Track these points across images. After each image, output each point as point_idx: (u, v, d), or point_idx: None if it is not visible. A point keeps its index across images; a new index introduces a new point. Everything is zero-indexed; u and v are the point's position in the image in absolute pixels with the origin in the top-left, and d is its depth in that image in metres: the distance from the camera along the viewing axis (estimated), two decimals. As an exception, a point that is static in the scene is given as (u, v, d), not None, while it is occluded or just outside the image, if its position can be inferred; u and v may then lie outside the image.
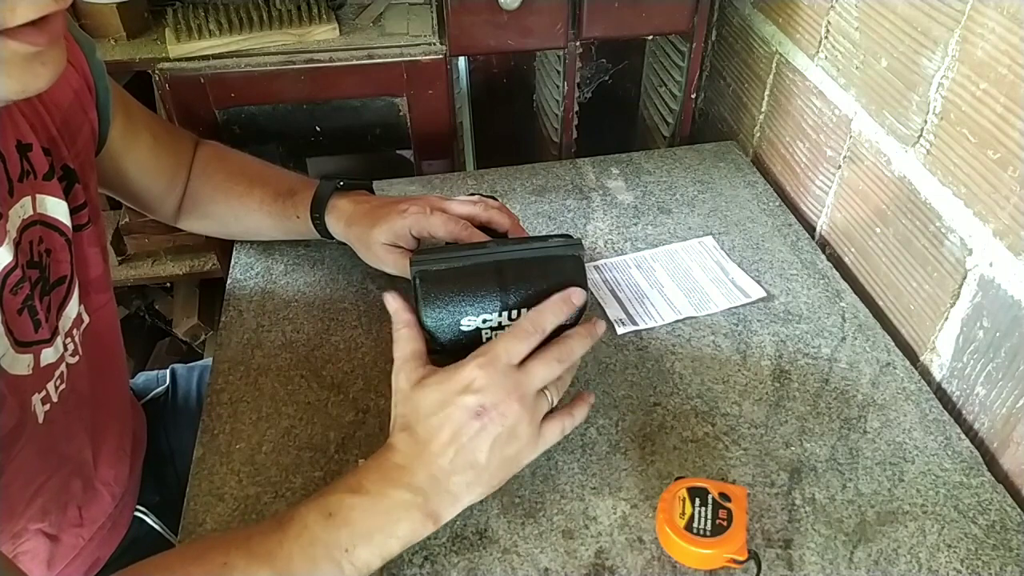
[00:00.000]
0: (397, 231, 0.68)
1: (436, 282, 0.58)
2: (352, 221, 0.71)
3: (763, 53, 0.97)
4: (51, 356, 0.56)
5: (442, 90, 1.01)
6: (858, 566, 0.54)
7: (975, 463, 0.61)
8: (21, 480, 0.55)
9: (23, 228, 0.53)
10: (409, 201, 0.69)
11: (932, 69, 0.65)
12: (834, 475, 0.60)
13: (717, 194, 0.92)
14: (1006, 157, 0.59)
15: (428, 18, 1.06)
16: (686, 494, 0.55)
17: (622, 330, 0.73)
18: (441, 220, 0.67)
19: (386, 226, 0.68)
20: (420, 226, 0.68)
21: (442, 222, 0.67)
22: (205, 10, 0.99)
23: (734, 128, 1.08)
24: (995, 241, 0.61)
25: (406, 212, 0.68)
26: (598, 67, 1.26)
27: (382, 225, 0.69)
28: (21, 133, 0.53)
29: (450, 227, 0.67)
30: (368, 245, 0.70)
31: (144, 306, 1.59)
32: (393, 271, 0.70)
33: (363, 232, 0.70)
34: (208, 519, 0.58)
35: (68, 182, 0.58)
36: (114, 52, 1.01)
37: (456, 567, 0.54)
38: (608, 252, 0.83)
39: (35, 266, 0.54)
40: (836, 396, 0.67)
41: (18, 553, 0.60)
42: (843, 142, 0.81)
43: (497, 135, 1.30)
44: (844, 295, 0.77)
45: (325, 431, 0.64)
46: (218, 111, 0.99)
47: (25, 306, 0.52)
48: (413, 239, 0.69)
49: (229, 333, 0.73)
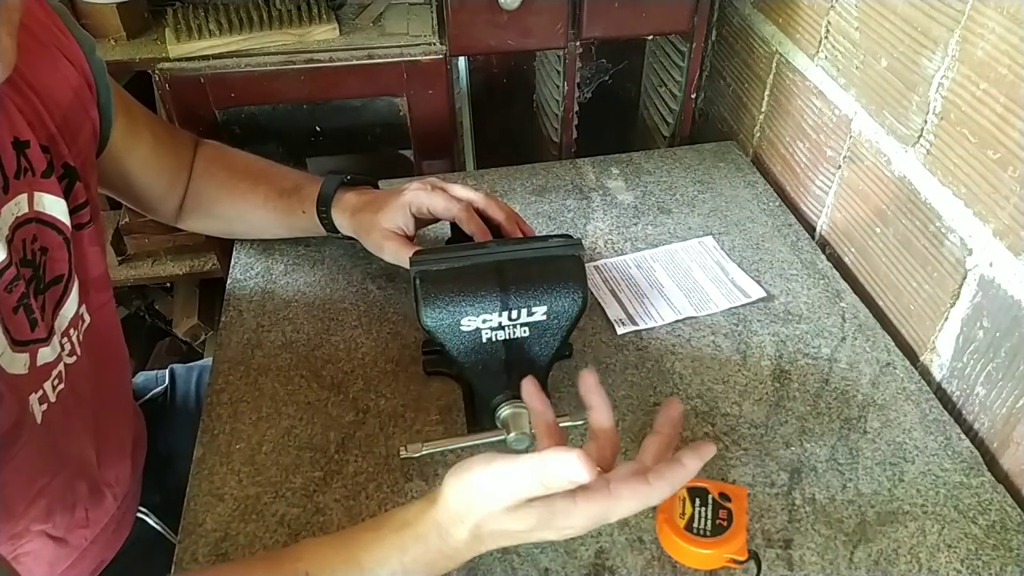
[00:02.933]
0: (398, 211, 0.68)
1: (436, 282, 0.58)
2: (357, 210, 0.72)
3: (763, 53, 0.97)
4: (48, 356, 0.56)
5: (442, 90, 1.01)
6: (858, 566, 0.54)
7: (975, 463, 0.61)
8: (21, 481, 0.55)
9: (16, 226, 0.53)
10: (411, 181, 0.70)
11: (932, 69, 0.65)
12: (834, 475, 0.60)
13: (717, 194, 0.92)
14: (1006, 157, 0.59)
15: (428, 18, 1.06)
16: (686, 494, 0.55)
17: (622, 330, 0.73)
18: (442, 198, 0.67)
19: (388, 209, 0.69)
20: (420, 201, 0.68)
21: (443, 200, 0.67)
22: (205, 10, 0.99)
23: (734, 128, 1.08)
24: (995, 241, 0.61)
25: (406, 190, 0.68)
26: (598, 67, 1.26)
27: (385, 210, 0.69)
28: (18, 130, 0.53)
29: (450, 206, 0.67)
30: (370, 231, 0.70)
31: (144, 306, 1.59)
32: (391, 259, 0.69)
33: (367, 218, 0.70)
34: (208, 519, 0.58)
35: (69, 181, 0.58)
36: (114, 52, 1.01)
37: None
38: (608, 252, 0.83)
39: (29, 264, 0.54)
40: (836, 396, 0.67)
41: (19, 554, 0.59)
42: (843, 142, 0.81)
43: (497, 135, 1.30)
44: (844, 295, 0.77)
45: (325, 431, 0.64)
46: (218, 111, 0.99)
47: (21, 304, 0.52)
48: (413, 220, 0.69)
49: (229, 333, 0.73)
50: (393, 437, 0.64)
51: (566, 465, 0.41)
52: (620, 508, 0.45)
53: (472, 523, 0.45)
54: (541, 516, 0.45)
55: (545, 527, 0.45)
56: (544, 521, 0.45)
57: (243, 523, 0.57)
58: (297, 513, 0.58)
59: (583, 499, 0.44)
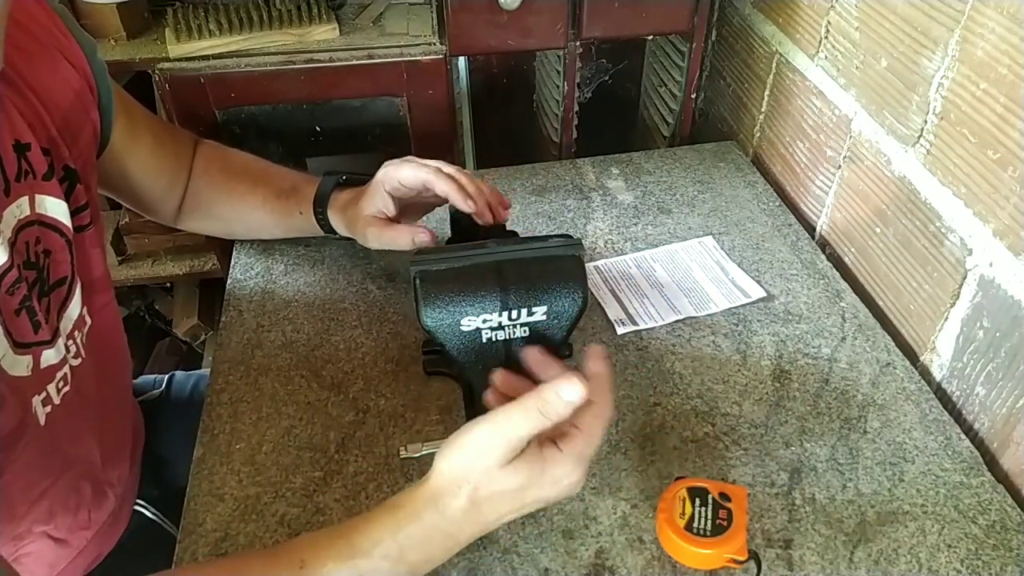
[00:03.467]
0: (375, 195, 0.68)
1: (436, 282, 0.58)
2: (346, 206, 0.72)
3: (763, 53, 0.96)
4: (52, 358, 0.56)
5: (442, 90, 1.01)
6: (858, 566, 0.54)
7: (975, 463, 0.61)
8: (23, 482, 0.55)
9: (19, 228, 0.53)
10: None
11: (932, 69, 0.65)
12: (834, 475, 0.60)
13: (717, 194, 0.92)
14: (1006, 157, 0.59)
15: (428, 18, 1.06)
16: (686, 494, 0.55)
17: (622, 330, 0.73)
18: (411, 167, 0.66)
19: (366, 196, 0.69)
20: (390, 177, 0.67)
21: (411, 168, 0.66)
22: (205, 10, 0.99)
23: (734, 128, 1.08)
24: (995, 241, 0.61)
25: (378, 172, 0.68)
26: (598, 67, 1.26)
27: (364, 197, 0.69)
28: (19, 133, 0.52)
29: (419, 172, 0.66)
30: (355, 222, 0.70)
31: (144, 306, 1.59)
32: (376, 244, 0.69)
33: (351, 212, 0.71)
34: (208, 519, 0.58)
35: (70, 183, 0.58)
36: (114, 52, 1.01)
37: (456, 567, 0.54)
38: (608, 252, 0.83)
39: (32, 267, 0.54)
40: (836, 396, 0.67)
41: (20, 555, 0.59)
42: (843, 142, 0.81)
43: (497, 135, 1.30)
44: (844, 295, 0.77)
45: (325, 431, 0.64)
46: (218, 111, 0.99)
47: (23, 307, 0.52)
48: (391, 200, 0.68)
49: (229, 333, 0.73)
50: (393, 437, 0.64)
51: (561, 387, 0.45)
52: (594, 434, 0.48)
53: (469, 488, 0.47)
54: (533, 467, 0.47)
55: (539, 480, 0.47)
56: (537, 473, 0.47)
57: (243, 523, 0.57)
58: (297, 513, 0.58)
59: (565, 443, 0.48)
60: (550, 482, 0.47)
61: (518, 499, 0.48)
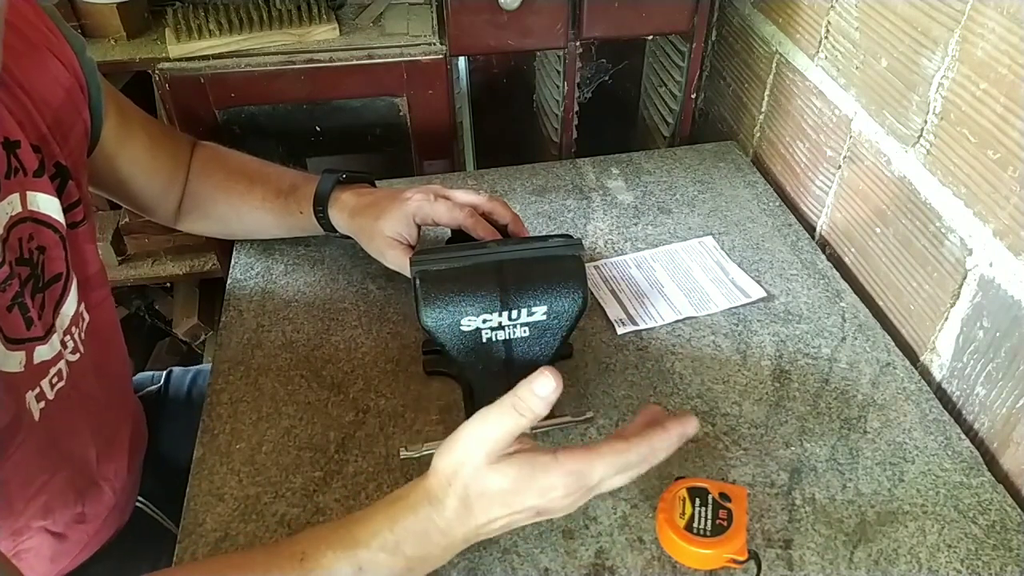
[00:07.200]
0: (401, 220, 0.68)
1: (436, 282, 0.58)
2: (356, 212, 0.71)
3: (763, 53, 0.97)
4: (46, 353, 0.56)
5: (442, 90, 1.01)
6: (858, 566, 0.54)
7: (975, 463, 0.61)
8: (20, 478, 0.55)
9: (11, 225, 0.53)
10: (413, 190, 0.70)
11: (932, 69, 0.65)
12: (834, 475, 0.60)
13: (717, 194, 0.92)
14: (1006, 157, 0.59)
15: (428, 18, 1.06)
16: (686, 494, 0.55)
17: (622, 330, 0.73)
18: (445, 207, 0.67)
19: (390, 217, 0.69)
20: (424, 212, 0.68)
21: (446, 208, 0.67)
22: (205, 10, 0.99)
23: (734, 128, 1.08)
24: (995, 241, 0.61)
25: (409, 200, 0.68)
26: (598, 67, 1.26)
27: (387, 217, 0.69)
28: (8, 130, 0.53)
29: (454, 214, 0.67)
30: (372, 236, 0.70)
31: (144, 306, 1.59)
32: (392, 265, 0.69)
33: (367, 224, 0.70)
34: (208, 519, 0.58)
35: (61, 180, 0.58)
36: (114, 52, 1.01)
37: (456, 567, 0.54)
38: (608, 252, 0.83)
39: (25, 263, 0.54)
40: (836, 396, 0.67)
41: (20, 551, 0.60)
42: (843, 142, 0.81)
43: (497, 135, 1.30)
44: (844, 295, 0.77)
45: (325, 431, 0.64)
46: (218, 111, 0.99)
47: (15, 303, 0.52)
48: (416, 229, 0.69)
49: (229, 333, 0.73)
50: (393, 437, 0.64)
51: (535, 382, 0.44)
52: (600, 465, 0.46)
53: (460, 485, 0.47)
54: (522, 469, 0.46)
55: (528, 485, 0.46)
56: (526, 476, 0.46)
57: (243, 523, 0.57)
58: (297, 513, 0.58)
59: (564, 453, 0.46)
60: (539, 490, 0.46)
61: (507, 503, 0.47)
